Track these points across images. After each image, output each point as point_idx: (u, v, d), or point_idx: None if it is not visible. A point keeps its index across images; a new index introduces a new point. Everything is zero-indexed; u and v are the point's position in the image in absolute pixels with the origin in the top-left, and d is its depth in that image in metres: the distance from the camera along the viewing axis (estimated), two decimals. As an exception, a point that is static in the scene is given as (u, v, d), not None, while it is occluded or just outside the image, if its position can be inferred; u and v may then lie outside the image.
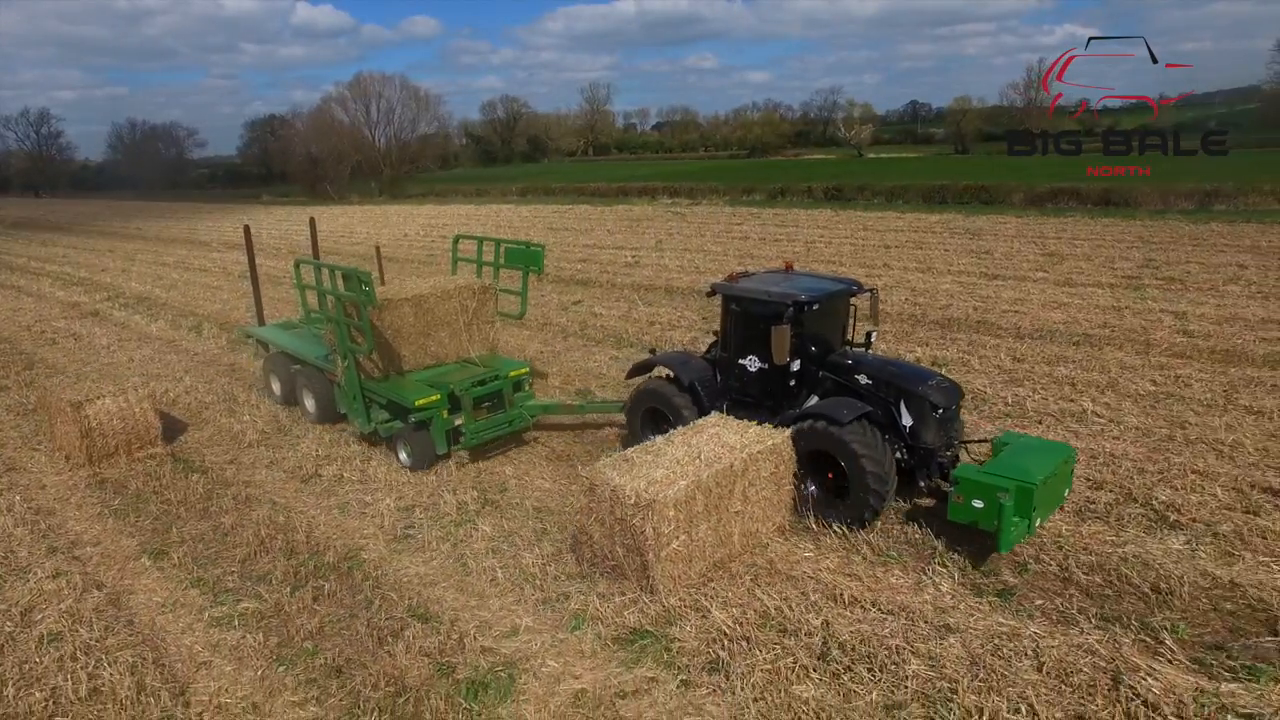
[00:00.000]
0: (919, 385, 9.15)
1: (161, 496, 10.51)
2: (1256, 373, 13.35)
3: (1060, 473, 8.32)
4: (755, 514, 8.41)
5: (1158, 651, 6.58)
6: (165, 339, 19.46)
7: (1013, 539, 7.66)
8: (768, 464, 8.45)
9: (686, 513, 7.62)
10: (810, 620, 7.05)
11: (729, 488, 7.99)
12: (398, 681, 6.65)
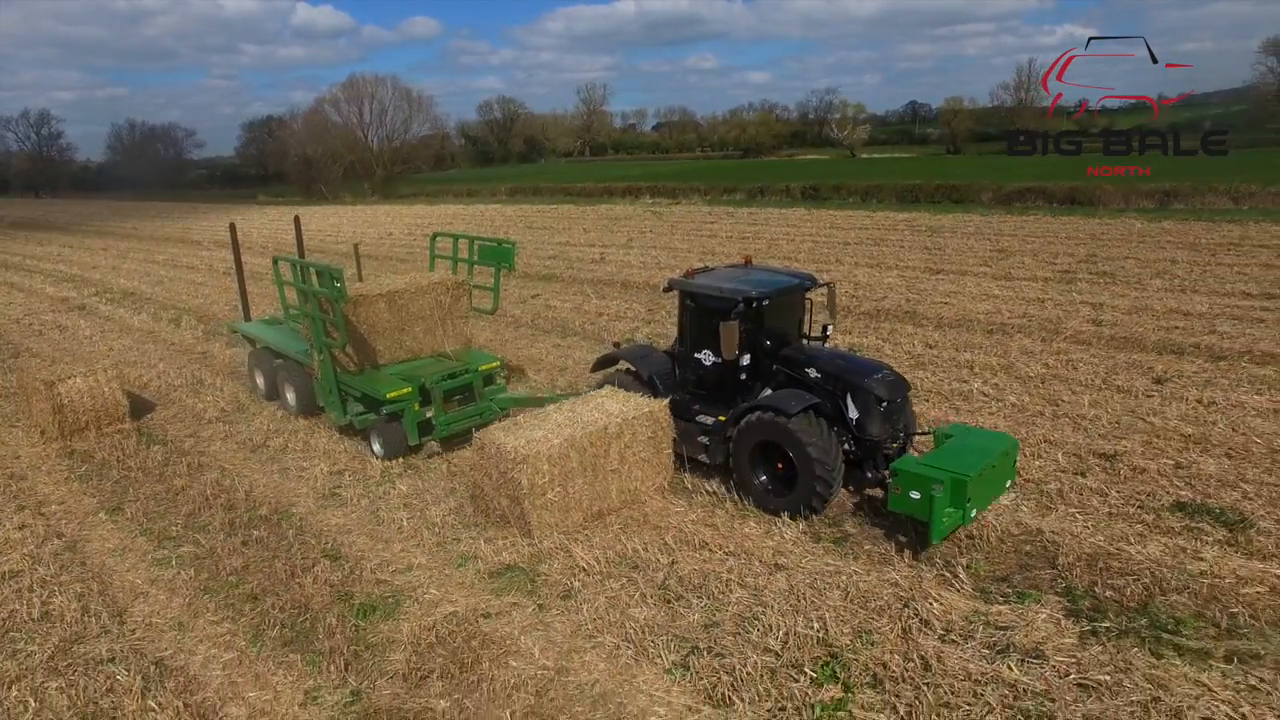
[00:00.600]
0: (865, 379, 9.38)
1: (123, 464, 11.73)
2: (1142, 357, 14.46)
3: (999, 464, 8.55)
4: (634, 473, 9.56)
5: (950, 583, 7.72)
6: (145, 330, 20.73)
7: (944, 529, 7.92)
8: (645, 429, 9.58)
9: (561, 468, 8.79)
10: (660, 559, 8.22)
11: (604, 448, 9.14)
12: (303, 606, 7.84)
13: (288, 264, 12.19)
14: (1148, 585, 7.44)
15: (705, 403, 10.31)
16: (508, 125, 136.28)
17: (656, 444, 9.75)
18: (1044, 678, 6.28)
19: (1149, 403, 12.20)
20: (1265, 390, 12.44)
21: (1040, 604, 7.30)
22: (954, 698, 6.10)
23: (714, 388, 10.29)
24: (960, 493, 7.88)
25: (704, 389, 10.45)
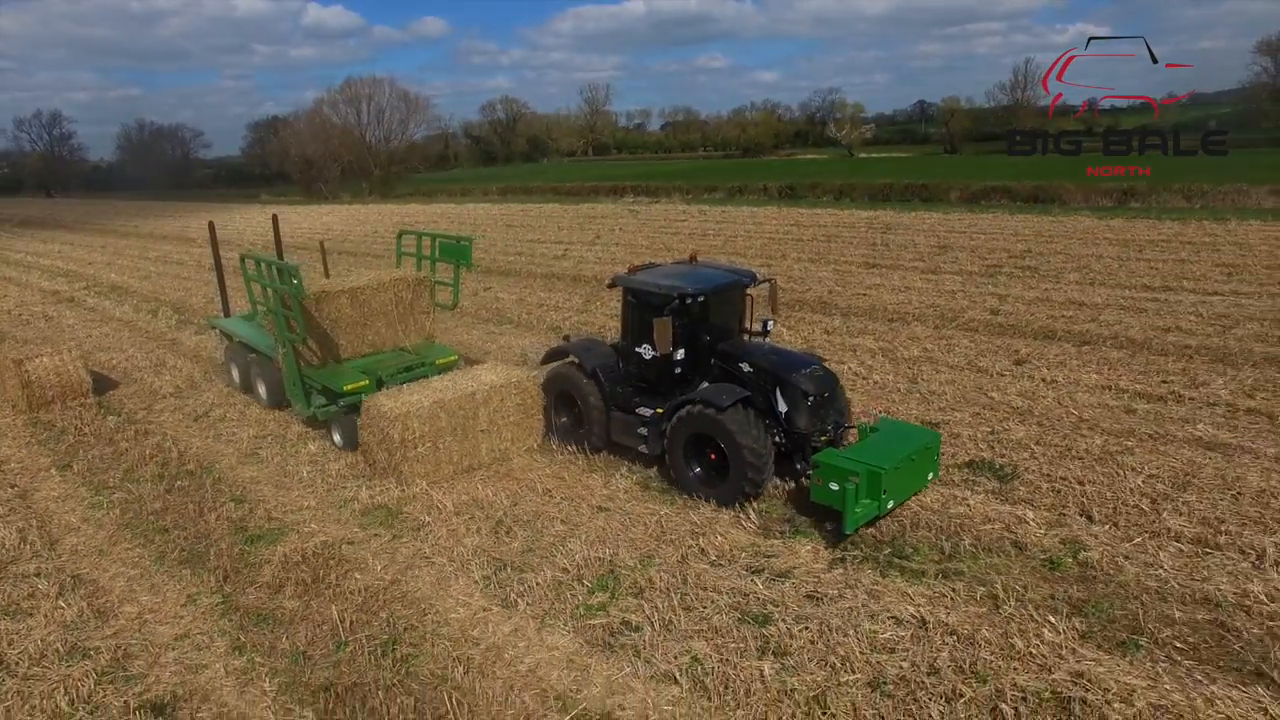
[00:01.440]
0: (793, 374, 9.67)
1: (79, 431, 13.41)
2: (1017, 342, 15.80)
3: (919, 458, 8.90)
4: (504, 435, 11.04)
5: (741, 524, 9.18)
6: (124, 320, 22.54)
7: (857, 520, 8.23)
8: (513, 397, 11.06)
9: (431, 425, 10.30)
10: (504, 502, 9.77)
11: (473, 411, 10.66)
12: (204, 536, 9.45)
13: (253, 261, 12.69)
14: (903, 523, 8.88)
15: (645, 395, 10.60)
16: (511, 125, 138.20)
17: (526, 410, 11.23)
18: (780, 591, 7.75)
19: (998, 381, 13.60)
20: (1104, 370, 13.80)
21: (809, 539, 8.75)
22: (696, 602, 7.58)
23: (653, 381, 10.55)
24: (876, 485, 8.23)
25: (644, 382, 10.71)
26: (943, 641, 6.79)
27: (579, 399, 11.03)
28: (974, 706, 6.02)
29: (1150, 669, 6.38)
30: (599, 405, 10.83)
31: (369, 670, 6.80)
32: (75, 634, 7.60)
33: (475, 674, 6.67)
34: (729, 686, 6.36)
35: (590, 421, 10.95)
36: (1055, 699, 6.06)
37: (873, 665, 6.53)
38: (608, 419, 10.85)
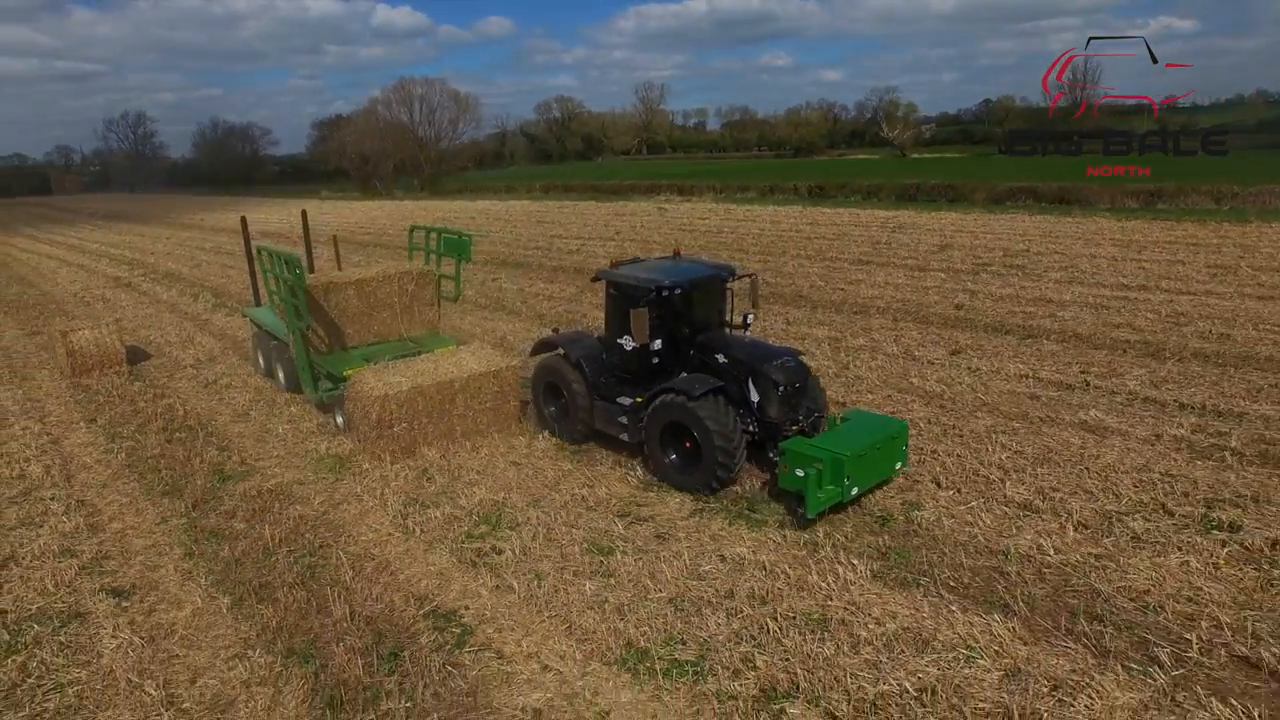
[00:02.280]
0: (764, 364, 9.97)
1: (109, 394, 15.62)
2: (962, 335, 16.68)
3: (885, 447, 9.26)
4: (480, 419, 11.81)
5: (626, 480, 10.54)
6: (168, 303, 25.15)
7: (819, 504, 8.59)
8: (491, 385, 11.80)
9: (408, 409, 11.12)
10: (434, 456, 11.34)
11: (450, 397, 11.46)
12: (187, 475, 11.33)
13: (266, 254, 13.26)
14: (768, 483, 10.08)
15: (626, 385, 10.95)
16: (565, 124, 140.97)
17: (503, 397, 12.05)
18: (635, 531, 9.10)
19: (925, 368, 14.57)
20: (1032, 361, 14.62)
21: (680, 495, 10.01)
22: (559, 536, 9.01)
23: (635, 371, 10.90)
24: (838, 471, 8.63)
25: (626, 373, 11.05)
26: (751, 575, 8.05)
27: (565, 389, 11.46)
28: (749, 621, 7.28)
29: (917, 600, 7.54)
30: (584, 395, 11.23)
31: (282, 574, 8.47)
32: (70, 540, 9.51)
33: (361, 580, 8.27)
34: (555, 598, 7.79)
35: (575, 410, 11.38)
36: (819, 619, 7.28)
37: (680, 588, 7.85)
38: (592, 408, 11.24)
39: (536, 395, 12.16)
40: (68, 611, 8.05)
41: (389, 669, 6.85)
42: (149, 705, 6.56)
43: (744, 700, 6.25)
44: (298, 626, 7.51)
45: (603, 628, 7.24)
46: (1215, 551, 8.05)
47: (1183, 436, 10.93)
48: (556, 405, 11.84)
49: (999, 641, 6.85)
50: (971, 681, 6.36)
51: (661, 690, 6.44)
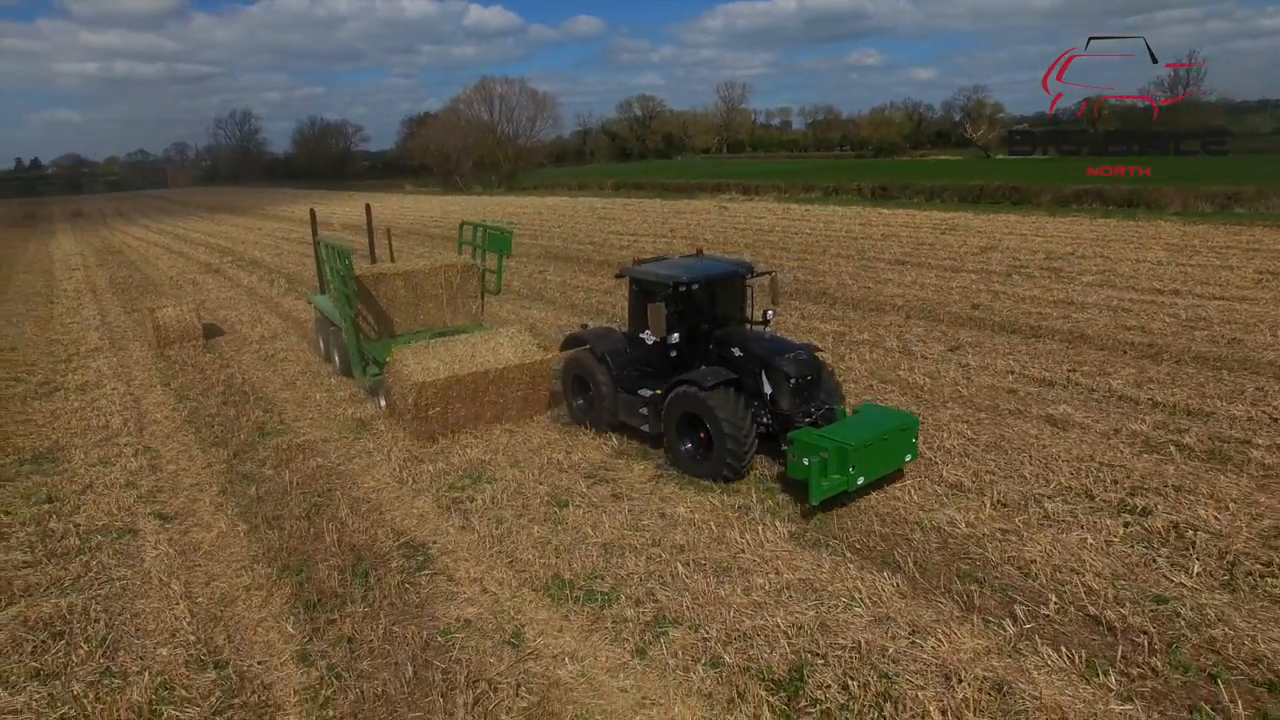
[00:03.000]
0: (777, 358, 10.30)
1: (184, 363, 17.92)
2: (966, 332, 17.17)
3: (892, 439, 9.47)
4: (510, 408, 12.64)
5: (601, 448, 11.79)
6: (247, 287, 27.88)
7: (822, 491, 8.85)
8: (523, 376, 12.48)
9: (443, 395, 11.93)
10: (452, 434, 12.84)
11: (484, 386, 12.22)
12: (235, 431, 13.23)
13: (325, 246, 14.59)
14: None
15: (647, 378, 11.38)
16: (646, 123, 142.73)
17: (534, 387, 12.79)
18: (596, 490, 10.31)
19: (918, 362, 15.21)
20: (1026, 359, 15.06)
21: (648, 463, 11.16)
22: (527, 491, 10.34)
23: (657, 364, 11.34)
24: (843, 461, 8.88)
25: (648, 366, 11.50)
26: (681, 530, 9.15)
27: (591, 382, 11.95)
28: (663, 565, 8.40)
29: (820, 558, 8.49)
30: (608, 388, 11.71)
31: (292, 509, 10.11)
32: (134, 476, 11.46)
33: (354, 517, 9.81)
34: (507, 538, 9.12)
35: (600, 403, 11.91)
36: (725, 567, 8.33)
37: (615, 536, 9.05)
38: (615, 400, 11.73)
39: (566, 388, 12.70)
40: (124, 528, 9.90)
41: (360, 584, 8.33)
42: (172, 597, 8.23)
43: (636, 624, 7.41)
44: (295, 549, 9.10)
45: (539, 563, 8.52)
46: (1115, 531, 8.67)
47: (1141, 432, 11.36)
48: (584, 398, 12.32)
49: (879, 594, 7.77)
50: (841, 623, 7.32)
51: (571, 612, 7.68)
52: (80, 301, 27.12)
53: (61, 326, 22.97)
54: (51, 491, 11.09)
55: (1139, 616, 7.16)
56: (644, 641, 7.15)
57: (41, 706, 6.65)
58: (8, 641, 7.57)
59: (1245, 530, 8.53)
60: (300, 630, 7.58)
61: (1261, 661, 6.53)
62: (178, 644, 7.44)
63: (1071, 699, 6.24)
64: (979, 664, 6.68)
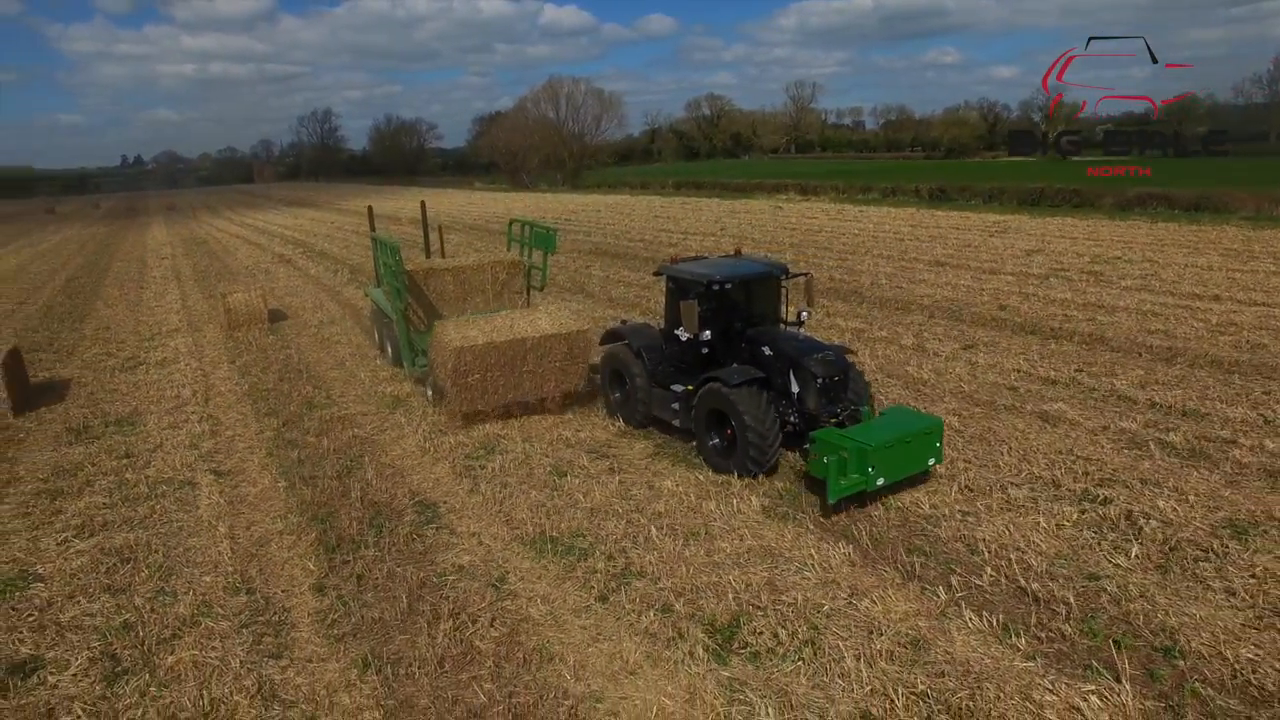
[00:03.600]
0: (804, 357, 10.50)
1: (249, 344, 19.74)
2: (985, 333, 17.51)
3: (915, 441, 9.54)
4: (548, 378, 12.96)
5: (607, 428, 12.80)
6: (313, 276, 29.97)
7: (839, 490, 9.03)
8: (560, 346, 12.81)
9: (482, 361, 12.36)
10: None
11: (521, 355, 12.58)
12: (286, 404, 14.76)
13: (378, 241, 15.52)
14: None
15: (681, 374, 11.67)
16: (714, 122, 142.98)
17: (572, 358, 13.07)
18: (597, 463, 11.33)
19: (928, 359, 15.70)
20: (1036, 358, 15.39)
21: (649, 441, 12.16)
22: (533, 462, 11.44)
23: (691, 360, 11.64)
24: (862, 461, 9.04)
25: (681, 362, 11.82)
26: (664, 500, 10.06)
27: (627, 376, 12.33)
28: (640, 528, 9.34)
29: (785, 529, 9.30)
30: (643, 382, 12.07)
31: (326, 471, 11.46)
32: (197, 439, 13.06)
33: (379, 479, 11.07)
34: (508, 500, 10.23)
35: (635, 397, 12.29)
36: (695, 533, 9.21)
37: (603, 503, 10.04)
38: (650, 395, 12.08)
39: (604, 381, 13.12)
40: (185, 481, 11.42)
41: (374, 533, 9.56)
42: (218, 537, 9.62)
43: (604, 575, 8.40)
44: (324, 503, 10.42)
45: (531, 522, 9.60)
46: (1070, 516, 9.22)
47: (1128, 430, 11.73)
48: (621, 391, 12.70)
49: (830, 561, 8.55)
50: (789, 584, 8.14)
51: (550, 563, 8.72)
52: (166, 287, 29.69)
53: (148, 309, 25.34)
54: (129, 449, 12.76)
55: (1066, 590, 7.76)
56: (608, 589, 8.13)
57: (110, 612, 8.06)
58: (88, 563, 9.07)
59: (1197, 521, 8.95)
60: (319, 567, 8.85)
61: (1165, 631, 7.08)
62: (219, 573, 8.79)
63: (981, 656, 6.94)
64: (905, 623, 7.42)
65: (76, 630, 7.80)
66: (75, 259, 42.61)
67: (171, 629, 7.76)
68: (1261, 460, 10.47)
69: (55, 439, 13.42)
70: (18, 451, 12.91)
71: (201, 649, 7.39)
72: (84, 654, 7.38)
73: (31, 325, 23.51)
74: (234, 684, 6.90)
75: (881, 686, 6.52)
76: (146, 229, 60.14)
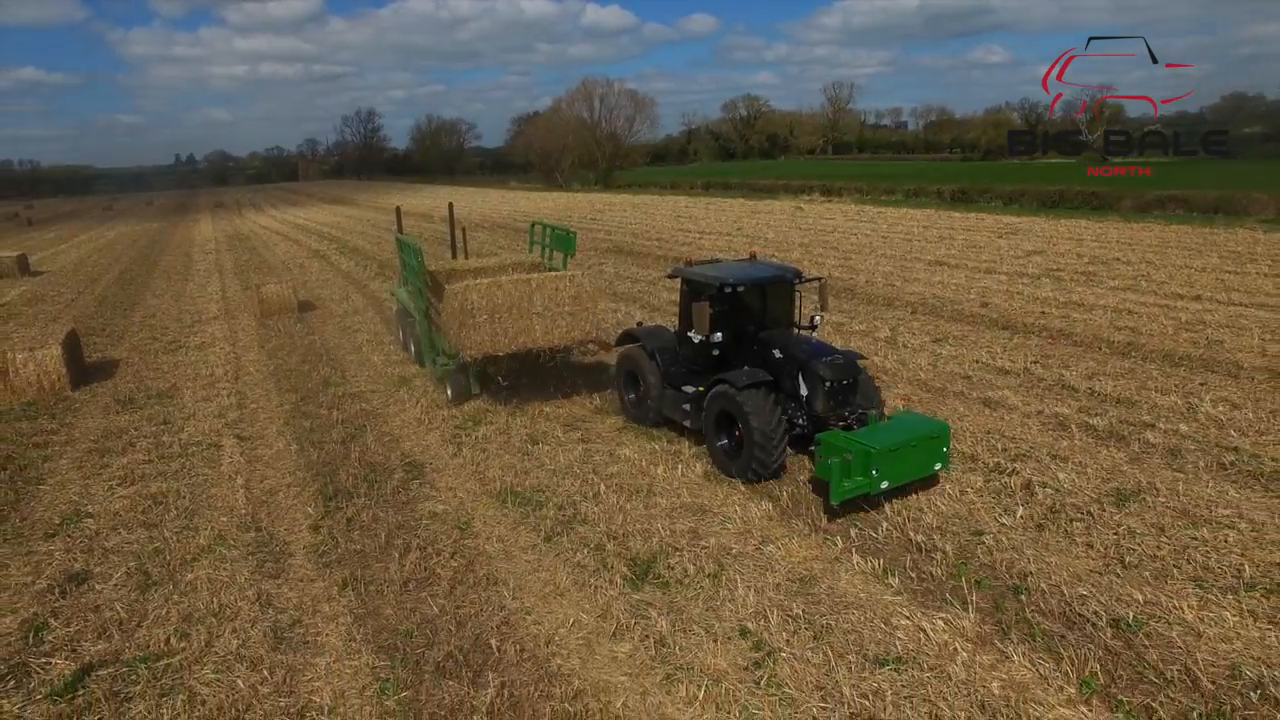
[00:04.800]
0: (813, 361, 10.65)
1: (279, 330, 21.66)
2: (958, 327, 18.56)
3: (921, 445, 9.65)
4: (558, 321, 13.26)
5: (607, 417, 14.27)
6: (342, 270, 32.02)
7: (842, 492, 9.15)
8: (567, 288, 13.28)
9: (489, 300, 12.71)
10: (466, 380, 15.68)
11: (528, 294, 12.98)
12: (306, 382, 16.54)
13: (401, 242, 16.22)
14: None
15: (693, 376, 11.91)
16: (750, 123, 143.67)
17: (579, 303, 13.46)
18: (567, 433, 12.82)
19: (896, 351, 16.83)
20: (998, 351, 16.44)
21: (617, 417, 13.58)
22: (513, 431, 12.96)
23: (703, 362, 11.89)
24: (866, 463, 9.18)
25: (693, 364, 12.05)
26: (620, 465, 11.47)
27: (641, 377, 12.60)
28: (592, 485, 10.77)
29: (717, 490, 10.61)
30: (656, 383, 12.33)
31: (333, 437, 13.13)
32: (225, 410, 14.86)
33: (377, 444, 12.71)
34: (486, 462, 11.75)
35: (648, 397, 12.56)
36: (638, 489, 10.62)
37: (566, 466, 11.51)
38: (662, 395, 12.32)
39: (618, 382, 13.44)
40: (211, 443, 13.19)
41: (366, 486, 11.16)
42: (235, 488, 11.30)
43: (553, 521, 9.86)
44: (327, 462, 12.07)
45: (500, 479, 11.11)
46: (974, 484, 10.40)
47: (1060, 414, 12.78)
48: (635, 392, 12.96)
49: (752, 516, 9.88)
50: (710, 533, 9.47)
51: (510, 511, 10.21)
52: (208, 279, 32.03)
53: (191, 300, 27.58)
54: (166, 417, 14.62)
55: (948, 543, 8.99)
56: (554, 533, 9.60)
57: (144, 541, 9.77)
58: (128, 505, 10.83)
59: (1088, 490, 10.07)
60: (317, 512, 10.47)
61: (1021, 575, 8.28)
62: (233, 516, 10.46)
63: (858, 590, 8.23)
64: (801, 565, 8.74)
65: (118, 554, 9.53)
66: (129, 253, 45.56)
67: (192, 554, 9.43)
68: (1170, 441, 11.48)
69: (105, 408, 15.35)
70: (74, 418, 14.85)
71: (215, 569, 9.04)
72: (122, 570, 9.08)
73: (88, 313, 25.86)
74: (239, 594, 8.52)
75: (763, 609, 7.86)
76: (195, 225, 63.45)
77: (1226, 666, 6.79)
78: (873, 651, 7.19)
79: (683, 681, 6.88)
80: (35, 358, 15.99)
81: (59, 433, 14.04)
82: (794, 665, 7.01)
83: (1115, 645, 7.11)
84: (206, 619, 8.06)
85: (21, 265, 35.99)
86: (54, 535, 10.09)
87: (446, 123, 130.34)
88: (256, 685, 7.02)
